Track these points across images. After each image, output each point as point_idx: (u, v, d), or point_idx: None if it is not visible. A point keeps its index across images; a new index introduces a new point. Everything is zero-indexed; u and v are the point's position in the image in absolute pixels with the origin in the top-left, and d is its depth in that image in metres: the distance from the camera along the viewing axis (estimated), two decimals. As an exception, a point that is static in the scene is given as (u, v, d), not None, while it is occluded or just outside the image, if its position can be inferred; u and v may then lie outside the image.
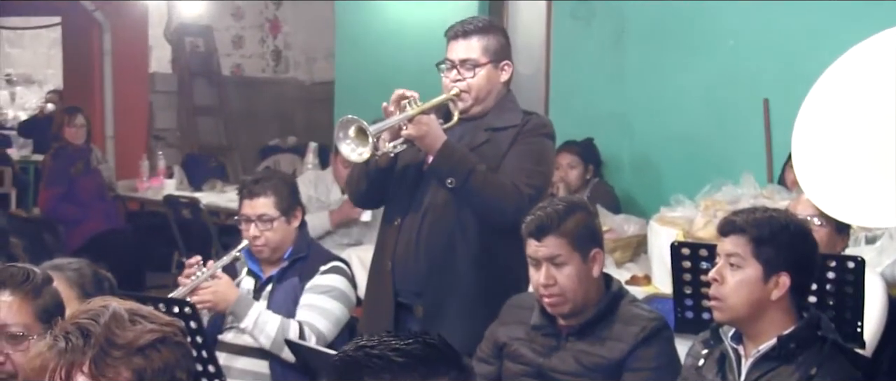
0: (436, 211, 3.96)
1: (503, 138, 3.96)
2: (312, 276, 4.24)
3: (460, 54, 3.97)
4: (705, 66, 6.59)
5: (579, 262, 3.39)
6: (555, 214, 3.39)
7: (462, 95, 3.95)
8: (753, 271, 3.00)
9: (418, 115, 3.79)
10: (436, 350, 1.87)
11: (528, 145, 3.98)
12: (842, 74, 4.08)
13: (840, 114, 4.02)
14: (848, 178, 3.90)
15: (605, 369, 3.34)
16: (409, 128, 3.79)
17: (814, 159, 4.02)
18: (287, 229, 4.29)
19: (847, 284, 3.43)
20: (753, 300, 3.00)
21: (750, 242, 3.00)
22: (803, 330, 3.00)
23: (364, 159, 3.80)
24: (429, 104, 3.86)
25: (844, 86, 4.05)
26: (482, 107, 4.00)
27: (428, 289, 3.97)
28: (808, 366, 2.95)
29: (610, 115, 7.06)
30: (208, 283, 4.08)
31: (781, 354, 2.99)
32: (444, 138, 3.83)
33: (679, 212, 5.49)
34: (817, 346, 2.99)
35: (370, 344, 1.86)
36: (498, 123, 3.97)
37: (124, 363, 2.07)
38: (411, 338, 1.88)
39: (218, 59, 11.75)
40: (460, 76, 3.96)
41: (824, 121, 4.06)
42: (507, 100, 4.05)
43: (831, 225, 3.99)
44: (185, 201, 7.99)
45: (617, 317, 3.41)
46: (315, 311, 4.16)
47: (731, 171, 5.75)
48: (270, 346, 4.08)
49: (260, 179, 4.33)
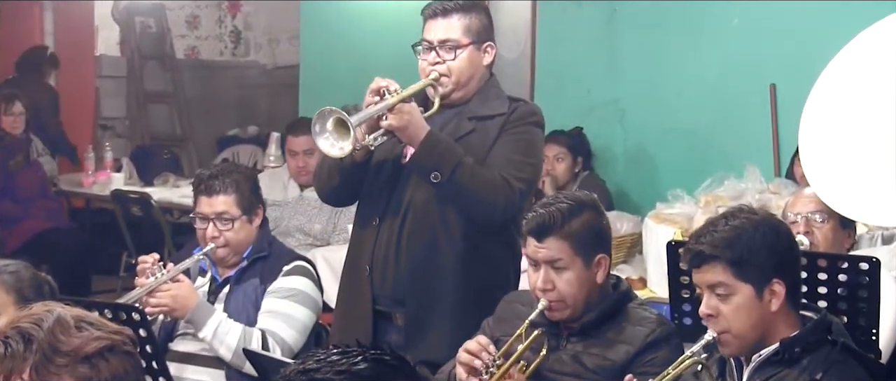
0: (417, 210, 3.95)
1: (490, 128, 3.95)
2: (275, 277, 4.22)
3: (439, 34, 3.96)
4: (706, 48, 6.61)
5: (581, 267, 3.39)
6: (558, 213, 3.38)
7: (442, 79, 3.94)
8: (745, 293, 3.01)
9: (398, 103, 3.77)
10: (386, 367, 1.87)
11: (517, 135, 3.97)
12: (851, 59, 4.10)
13: (850, 103, 4.05)
14: (859, 173, 3.93)
15: (608, 371, 3.35)
16: (390, 118, 3.77)
17: (822, 152, 4.05)
18: (249, 230, 4.28)
19: (861, 287, 3.45)
20: (756, 322, 3.02)
21: (728, 266, 3.00)
22: (810, 333, 3.02)
23: (346, 153, 3.77)
24: (408, 91, 3.84)
25: (854, 73, 4.07)
26: (464, 92, 4.00)
27: (410, 296, 3.96)
28: (813, 370, 2.97)
29: (601, 102, 7.08)
30: (167, 286, 4.07)
31: (784, 358, 3.01)
32: (427, 128, 3.82)
33: (677, 208, 5.51)
34: (826, 350, 3.01)
35: (314, 366, 1.85)
36: (483, 111, 3.97)
37: (68, 372, 2.07)
38: (360, 355, 1.86)
39: (171, 40, 11.71)
40: (440, 58, 3.96)
41: (833, 110, 4.09)
42: (490, 85, 4.05)
43: (835, 220, 4.01)
44: (135, 196, 7.96)
45: (624, 319, 3.42)
46: (279, 318, 4.16)
47: (735, 163, 5.77)
48: (231, 358, 4.07)
49: (219, 174, 4.30)
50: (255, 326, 4.14)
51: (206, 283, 4.28)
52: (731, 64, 6.50)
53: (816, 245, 3.95)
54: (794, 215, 4.06)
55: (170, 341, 4.25)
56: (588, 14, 7.10)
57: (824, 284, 3.47)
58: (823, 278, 3.47)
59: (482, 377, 3.28)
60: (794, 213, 4.06)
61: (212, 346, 4.09)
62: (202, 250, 4.24)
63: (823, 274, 3.47)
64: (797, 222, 4.01)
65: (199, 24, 12.22)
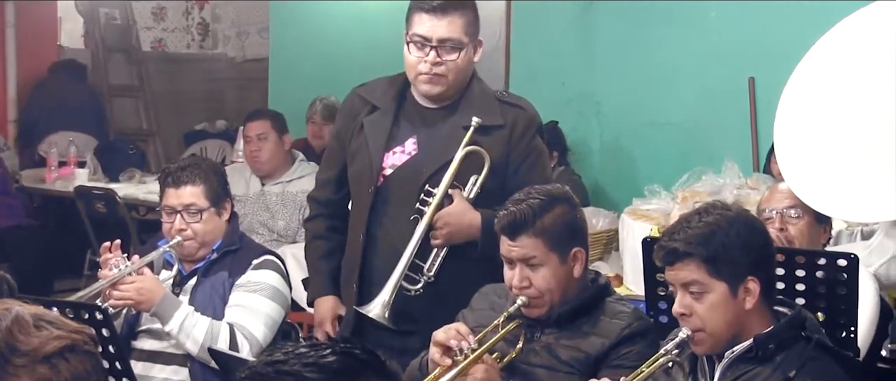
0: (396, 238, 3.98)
1: (491, 143, 3.96)
2: (243, 271, 4.22)
3: (440, 32, 3.91)
4: (684, 41, 6.64)
5: (557, 263, 3.41)
6: (529, 210, 3.39)
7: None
8: (720, 291, 3.02)
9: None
10: (354, 360, 1.87)
11: (531, 159, 4.01)
12: (825, 54, 4.13)
13: (825, 98, 4.08)
14: (834, 168, 3.96)
15: (582, 364, 3.37)
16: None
17: (797, 148, 4.07)
18: (217, 223, 4.28)
19: (839, 283, 3.48)
20: (730, 320, 3.04)
21: (702, 264, 3.01)
22: (784, 330, 3.04)
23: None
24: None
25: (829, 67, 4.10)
26: (455, 91, 4.00)
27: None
28: (786, 367, 2.99)
29: (577, 96, 7.10)
30: (132, 278, 4.06)
31: (758, 355, 3.03)
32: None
33: (654, 204, 5.53)
34: (800, 346, 3.03)
35: (281, 358, 1.85)
36: (480, 118, 3.95)
37: (27, 373, 2.06)
38: (328, 348, 1.87)
39: (137, 33, 11.65)
40: (440, 59, 3.91)
41: (808, 106, 4.12)
42: (475, 81, 4.06)
43: (810, 216, 4.04)
44: (100, 193, 7.93)
45: (600, 313, 3.44)
46: (247, 312, 4.15)
47: (713, 158, 5.80)
48: (197, 352, 4.06)
49: (187, 166, 4.31)
50: (223, 319, 4.14)
51: (171, 276, 4.28)
52: (710, 57, 6.53)
53: (792, 241, 3.97)
54: (770, 210, 4.08)
55: (133, 338, 4.25)
56: (563, 6, 7.12)
57: (803, 280, 3.49)
58: (802, 275, 3.50)
59: (456, 357, 3.29)
60: (769, 209, 4.09)
61: (178, 340, 4.09)
62: (168, 242, 4.23)
63: (801, 271, 3.50)
64: (772, 217, 4.04)
65: (165, 16, 12.17)
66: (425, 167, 3.96)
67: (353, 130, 4.11)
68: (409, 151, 4.02)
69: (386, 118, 4.05)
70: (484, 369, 3.30)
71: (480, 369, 3.30)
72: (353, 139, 4.10)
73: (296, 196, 6.25)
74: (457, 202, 3.90)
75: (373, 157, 4.01)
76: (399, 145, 4.04)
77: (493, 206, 3.86)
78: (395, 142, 4.04)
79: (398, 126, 4.05)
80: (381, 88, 4.13)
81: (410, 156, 4.02)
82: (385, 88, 4.11)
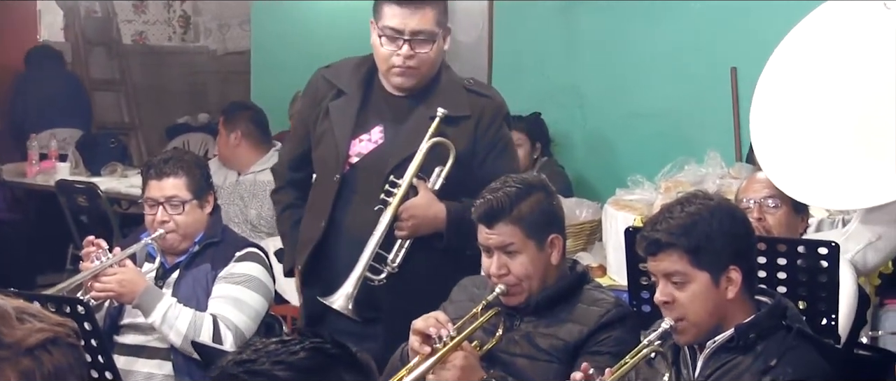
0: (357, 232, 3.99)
1: (458, 134, 3.96)
2: (226, 263, 4.24)
3: (413, 25, 3.89)
4: (666, 31, 6.65)
5: (534, 250, 3.44)
6: (506, 197, 3.42)
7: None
8: (702, 281, 3.05)
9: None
10: (325, 355, 1.87)
11: (499, 148, 4.03)
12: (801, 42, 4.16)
13: (801, 87, 4.10)
14: (812, 157, 3.98)
15: (560, 351, 3.40)
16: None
17: (774, 137, 4.09)
18: (199, 215, 4.28)
19: (820, 271, 3.50)
20: (712, 309, 3.06)
21: (685, 254, 3.03)
22: (765, 319, 3.07)
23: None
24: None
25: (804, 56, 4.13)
26: (426, 82, 4.01)
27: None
28: (768, 356, 3.01)
29: (560, 87, 7.11)
30: (113, 270, 4.07)
31: (740, 344, 3.05)
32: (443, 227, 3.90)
33: (637, 194, 5.55)
34: (780, 335, 3.05)
35: (252, 357, 1.85)
36: (447, 108, 3.95)
37: (10, 365, 2.06)
38: (299, 344, 1.86)
39: (118, 25, 11.63)
40: (412, 51, 3.90)
41: (784, 94, 4.14)
42: (444, 69, 4.07)
43: (788, 205, 4.06)
44: (81, 187, 7.90)
45: (578, 300, 3.47)
46: (230, 303, 4.16)
47: (695, 148, 5.82)
48: (180, 344, 4.07)
49: (169, 158, 4.32)
50: (206, 311, 4.14)
51: (153, 268, 4.29)
52: (692, 47, 6.55)
53: (770, 231, 4.00)
54: (747, 200, 4.10)
55: (115, 333, 4.25)
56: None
57: (784, 269, 3.51)
58: (783, 264, 3.51)
59: (435, 345, 3.32)
60: (747, 198, 4.11)
61: (161, 331, 4.09)
62: (150, 235, 4.24)
63: (783, 259, 3.52)
64: (750, 207, 4.06)
65: (146, 9, 12.13)
66: (391, 157, 3.96)
67: (318, 113, 4.10)
68: (376, 140, 4.02)
69: (352, 104, 4.04)
70: (463, 355, 3.33)
71: (460, 356, 3.32)
72: (318, 123, 4.09)
73: (266, 185, 6.26)
74: (422, 194, 3.91)
75: (339, 144, 4.01)
76: (365, 133, 4.03)
77: (459, 197, 3.91)
78: (362, 130, 4.03)
79: (365, 113, 4.04)
80: (347, 70, 4.11)
81: (376, 145, 4.02)
82: (351, 71, 4.09)
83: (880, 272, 4.34)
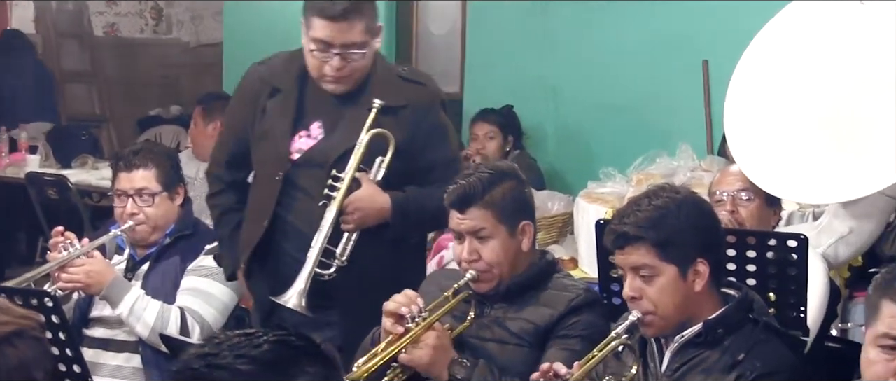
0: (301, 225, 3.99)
1: (395, 124, 3.95)
2: (196, 256, 4.23)
3: (343, 39, 3.84)
4: (639, 24, 6.67)
5: (506, 235, 3.46)
6: (479, 183, 3.45)
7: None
8: (670, 274, 3.04)
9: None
10: (289, 348, 1.86)
11: (437, 135, 4.02)
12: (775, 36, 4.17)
13: (775, 80, 4.12)
14: (785, 150, 4.00)
15: (531, 335, 3.43)
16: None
17: (747, 130, 4.11)
18: (169, 207, 4.28)
19: (789, 264, 3.51)
20: (679, 302, 3.06)
21: (653, 247, 3.03)
22: (732, 313, 3.07)
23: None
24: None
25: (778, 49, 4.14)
26: (361, 81, 3.98)
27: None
28: (735, 351, 3.02)
29: (532, 80, 7.12)
30: (81, 261, 4.05)
31: (707, 339, 3.06)
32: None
33: (609, 187, 5.56)
34: (748, 329, 3.06)
35: (214, 351, 1.84)
36: (383, 99, 3.92)
37: (-26, 359, 2.06)
38: (262, 337, 1.85)
39: (89, 17, 11.58)
40: (346, 62, 3.86)
41: (758, 88, 4.15)
42: (378, 60, 4.03)
43: (761, 198, 4.08)
44: (52, 179, 7.86)
45: (548, 286, 3.50)
46: (198, 296, 4.16)
47: (667, 141, 5.84)
48: (148, 336, 4.06)
49: (139, 150, 4.32)
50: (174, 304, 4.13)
51: (123, 260, 4.27)
52: (664, 40, 6.57)
53: (742, 223, 4.01)
54: (721, 193, 4.11)
55: (84, 326, 4.23)
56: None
57: (754, 261, 3.52)
58: (753, 256, 3.52)
59: (408, 325, 3.33)
60: (721, 191, 4.12)
61: (128, 323, 4.08)
62: (120, 227, 4.22)
63: (752, 252, 3.52)
64: (723, 200, 4.07)
65: (118, 0, 12.09)
66: (332, 152, 3.94)
67: (254, 112, 4.06)
68: (316, 136, 4.00)
69: (289, 102, 4.01)
70: (436, 335, 3.36)
71: (432, 335, 3.35)
72: (256, 122, 4.06)
73: None
74: (365, 186, 3.91)
75: (279, 143, 3.99)
76: (305, 129, 4.01)
77: (402, 187, 3.93)
78: (301, 126, 4.01)
79: (303, 110, 4.02)
80: (281, 66, 4.08)
81: (317, 140, 3.99)
82: (285, 67, 4.05)
83: (850, 265, 4.36)
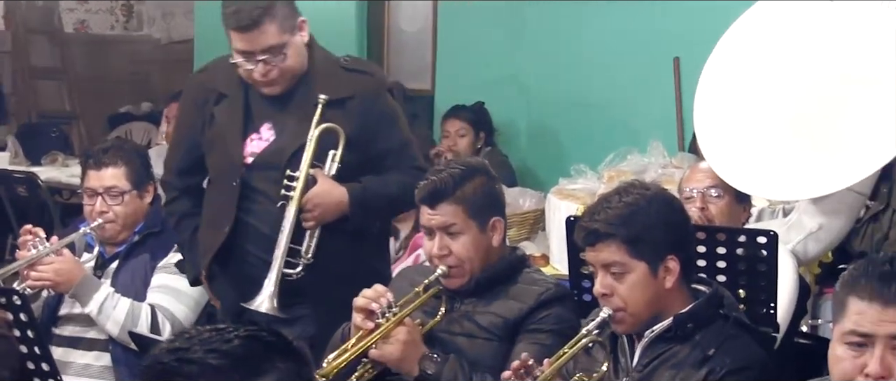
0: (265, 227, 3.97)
1: (344, 116, 3.93)
2: (166, 253, 4.21)
3: (259, 46, 3.83)
4: (610, 21, 6.68)
5: (476, 231, 3.47)
6: (450, 178, 3.45)
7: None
8: (640, 271, 3.05)
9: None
10: (260, 343, 1.85)
11: (387, 122, 4.01)
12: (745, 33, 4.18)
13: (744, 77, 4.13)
14: (755, 147, 4.01)
15: (501, 329, 3.43)
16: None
17: (717, 127, 4.12)
18: (139, 205, 4.26)
19: (759, 260, 3.51)
20: (651, 299, 3.06)
21: (623, 244, 3.03)
22: (702, 308, 3.08)
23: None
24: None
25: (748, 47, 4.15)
26: (297, 75, 3.96)
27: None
28: (705, 346, 3.03)
29: (504, 77, 7.13)
30: (50, 259, 4.03)
31: (677, 334, 3.07)
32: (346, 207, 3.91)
33: (580, 184, 5.58)
34: (718, 324, 3.07)
35: (185, 345, 1.83)
36: (328, 92, 3.91)
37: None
38: (233, 332, 1.84)
39: (59, 13, 11.53)
40: (271, 65, 3.85)
41: (727, 85, 4.16)
42: (317, 51, 4.02)
43: (731, 195, 4.09)
44: (21, 176, 7.83)
45: (518, 280, 3.51)
46: (168, 293, 4.15)
47: (638, 138, 5.86)
48: (118, 333, 4.04)
49: (108, 148, 4.30)
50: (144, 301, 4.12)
51: (92, 259, 4.26)
52: (635, 38, 6.58)
53: (712, 220, 4.02)
54: (690, 190, 4.12)
55: (53, 324, 4.21)
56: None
57: (723, 258, 3.52)
58: (722, 253, 3.52)
59: (377, 320, 3.33)
60: (690, 188, 4.13)
61: (98, 321, 4.06)
62: (89, 224, 4.20)
63: (722, 248, 3.53)
64: (693, 197, 4.08)
65: (88, -3, 12.06)
66: (284, 151, 3.94)
67: (202, 120, 4.05)
68: (267, 138, 3.98)
69: (236, 106, 3.99)
70: (406, 330, 3.36)
71: (403, 330, 3.35)
72: (205, 130, 4.04)
73: None
74: (321, 182, 3.90)
75: (231, 148, 3.97)
76: (255, 132, 3.99)
77: (357, 178, 3.93)
78: (251, 129, 3.99)
79: (250, 112, 4.00)
80: (222, 71, 4.03)
81: (268, 142, 3.98)
82: (227, 71, 4.00)
83: (820, 262, 4.38)
